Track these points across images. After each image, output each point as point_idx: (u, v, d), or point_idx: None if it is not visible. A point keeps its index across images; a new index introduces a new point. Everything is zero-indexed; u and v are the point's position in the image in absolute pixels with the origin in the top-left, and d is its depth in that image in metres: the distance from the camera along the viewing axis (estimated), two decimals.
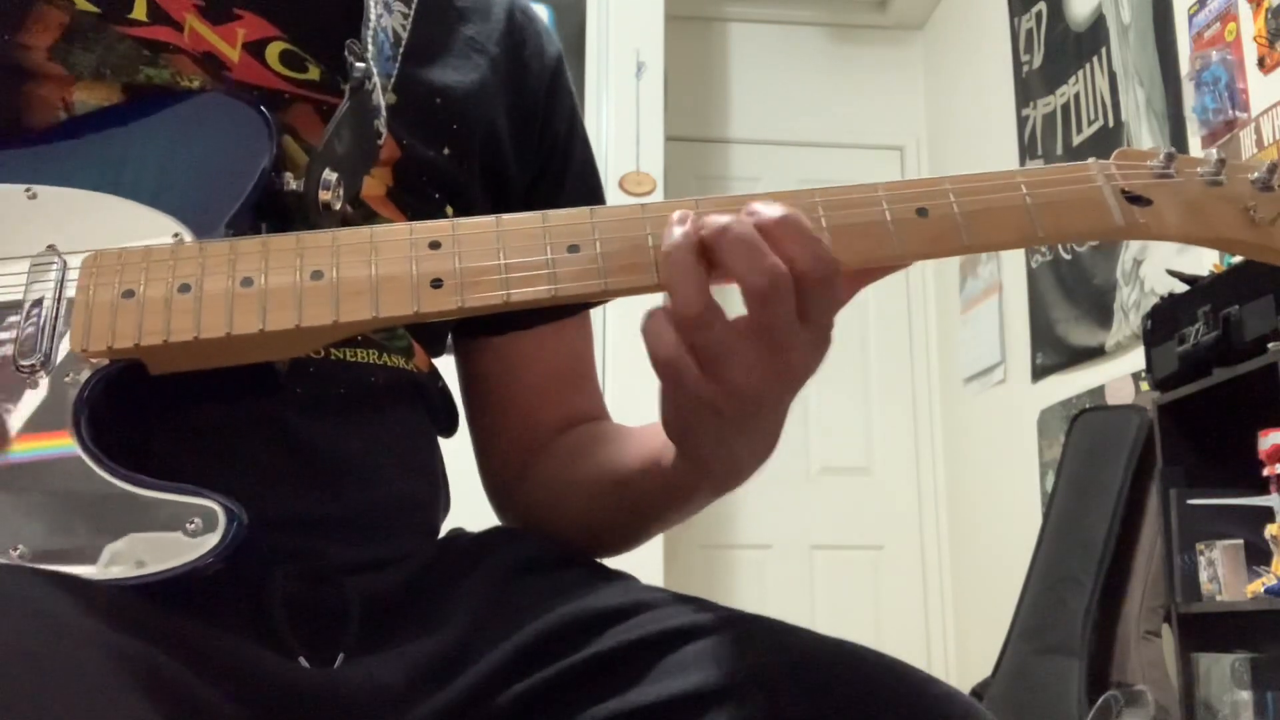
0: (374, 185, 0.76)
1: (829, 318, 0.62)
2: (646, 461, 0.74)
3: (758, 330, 0.60)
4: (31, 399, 0.60)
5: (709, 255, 0.60)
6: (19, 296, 0.63)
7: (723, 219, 0.61)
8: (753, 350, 0.60)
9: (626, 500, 0.77)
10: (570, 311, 0.86)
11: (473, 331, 0.86)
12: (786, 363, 0.61)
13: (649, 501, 0.76)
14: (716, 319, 0.60)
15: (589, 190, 0.90)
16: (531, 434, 0.86)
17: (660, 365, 0.61)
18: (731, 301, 0.62)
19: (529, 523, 0.84)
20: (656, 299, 0.62)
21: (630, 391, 3.06)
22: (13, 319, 0.62)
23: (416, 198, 0.78)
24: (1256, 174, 0.70)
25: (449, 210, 0.79)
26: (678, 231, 0.61)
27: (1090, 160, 0.70)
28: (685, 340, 0.60)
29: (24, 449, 0.59)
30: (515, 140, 0.85)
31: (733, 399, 0.62)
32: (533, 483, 0.84)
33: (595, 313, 0.93)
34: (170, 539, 0.57)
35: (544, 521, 0.81)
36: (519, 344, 0.85)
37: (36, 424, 0.60)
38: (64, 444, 0.59)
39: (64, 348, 0.61)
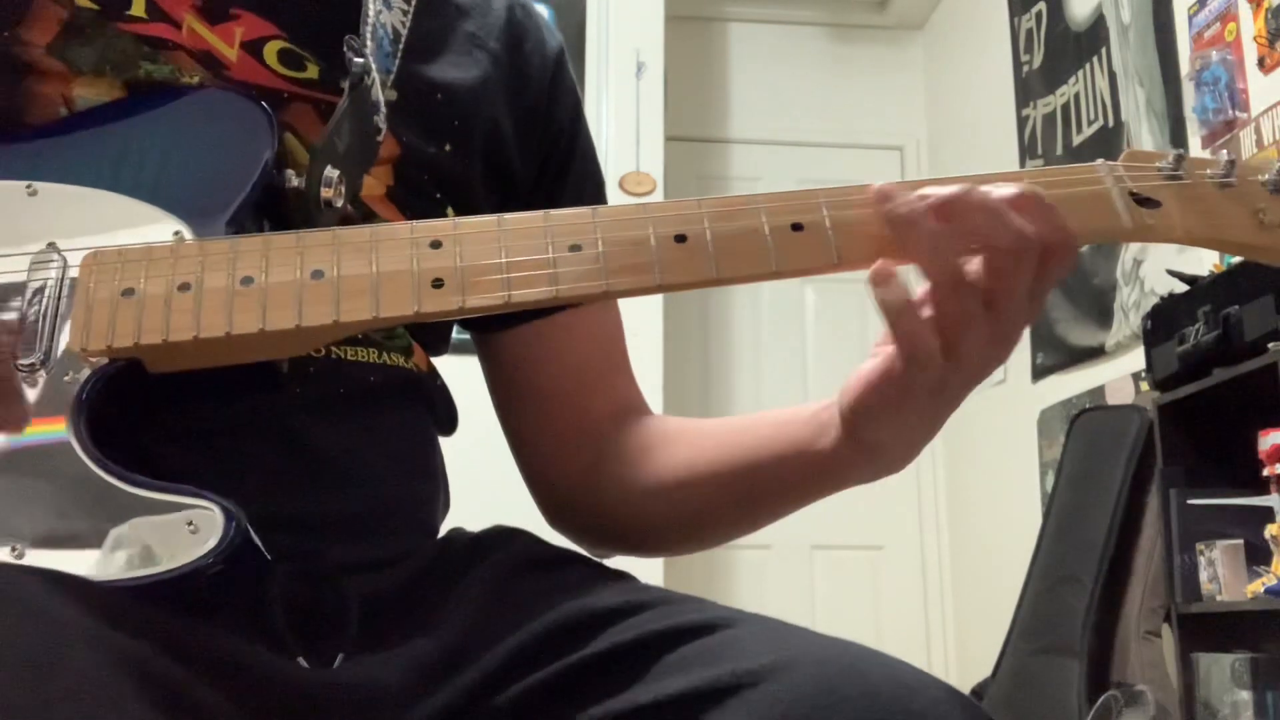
0: (373, 185, 0.75)
1: (1046, 297, 0.64)
2: (786, 448, 0.74)
3: (996, 297, 0.61)
4: (31, 395, 0.60)
5: (947, 221, 0.62)
6: (20, 294, 0.63)
7: (952, 189, 0.62)
8: (986, 320, 0.62)
9: (754, 489, 0.76)
10: None
11: (500, 324, 0.84)
12: (1010, 333, 0.63)
13: (782, 488, 0.76)
14: (967, 283, 0.61)
15: (593, 184, 0.90)
16: (588, 427, 0.84)
17: (905, 339, 0.62)
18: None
19: (601, 524, 0.83)
20: (657, 304, 0.62)
21: None
22: (12, 316, 0.62)
23: (416, 197, 0.77)
24: (1267, 176, 0.69)
25: (449, 211, 0.79)
26: (905, 205, 0.62)
27: (1098, 161, 0.70)
28: (938, 310, 0.61)
29: (22, 434, 0.59)
30: (519, 134, 0.84)
31: (959, 373, 0.63)
32: (610, 483, 0.82)
33: None
34: (168, 530, 0.57)
35: (626, 519, 0.80)
36: (557, 326, 0.84)
37: (34, 413, 0.60)
38: (58, 430, 0.59)
39: (63, 346, 0.61)
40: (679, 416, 0.86)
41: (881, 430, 0.68)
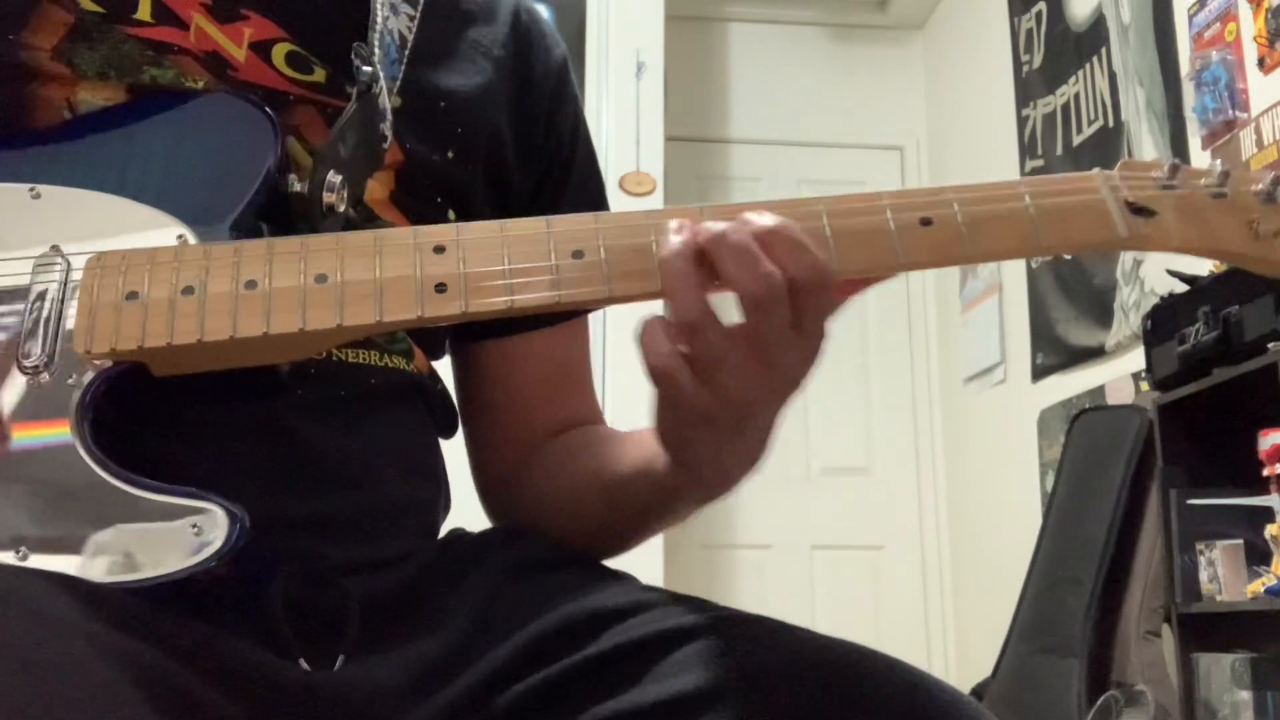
0: (377, 189, 0.76)
1: (821, 326, 0.63)
2: (639, 466, 0.74)
3: (752, 338, 0.61)
4: (34, 396, 0.61)
5: (707, 262, 0.61)
6: (23, 297, 0.63)
7: (719, 226, 0.61)
8: (747, 358, 0.61)
9: (618, 503, 0.77)
10: (569, 315, 0.86)
11: (470, 334, 0.86)
12: (779, 370, 0.62)
13: (641, 505, 0.76)
14: (712, 326, 0.60)
15: (592, 194, 0.90)
16: (526, 437, 0.85)
17: (655, 372, 0.61)
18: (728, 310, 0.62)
19: (521, 521, 0.84)
20: (656, 305, 0.63)
21: (629, 396, 3.06)
22: (15, 318, 0.62)
23: (419, 202, 0.78)
24: (1260, 186, 0.70)
25: (451, 215, 0.79)
26: (674, 239, 0.62)
27: (1095, 170, 0.70)
28: (682, 347, 0.61)
29: (22, 436, 0.60)
30: (519, 144, 0.85)
31: (726, 407, 0.62)
32: (526, 486, 0.84)
33: (594, 318, 0.93)
34: (171, 532, 0.57)
35: (537, 524, 0.81)
36: (516, 346, 0.85)
37: (36, 415, 0.60)
38: (62, 433, 0.60)
39: (67, 349, 0.61)
40: (611, 427, 0.87)
41: (681, 450, 0.67)
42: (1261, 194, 0.70)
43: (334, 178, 0.69)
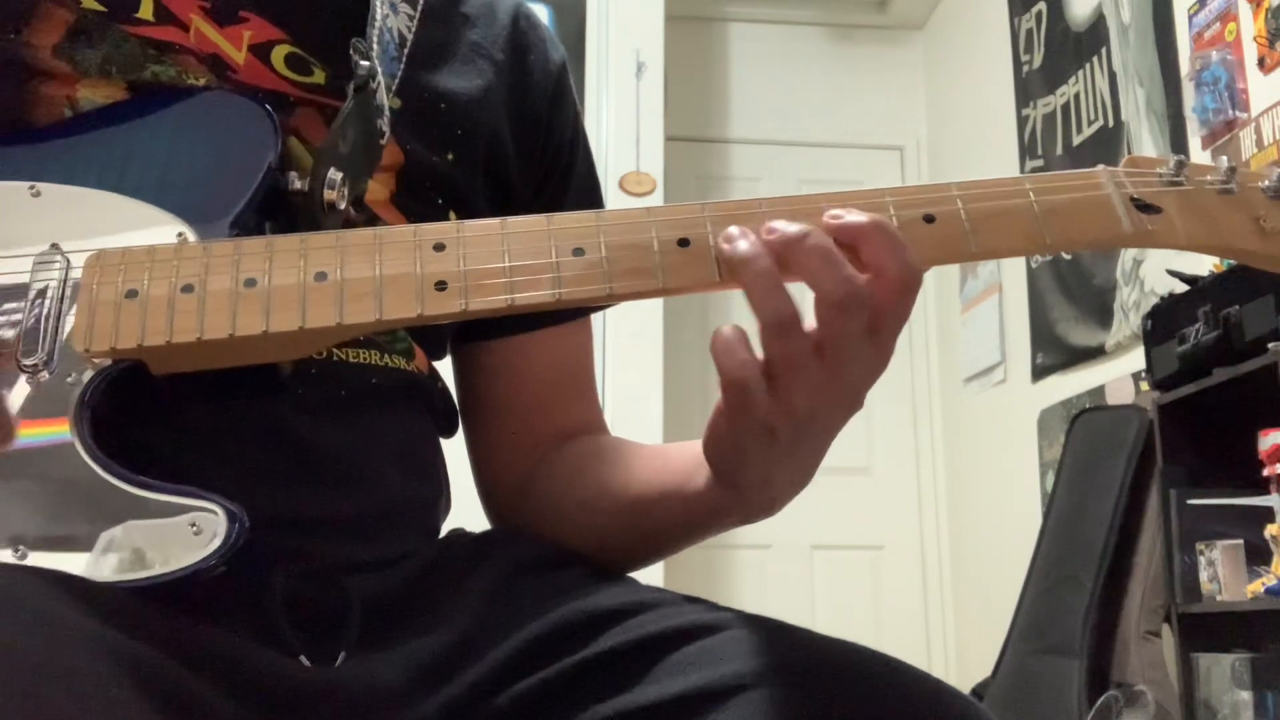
0: (377, 190, 0.75)
1: (895, 334, 0.61)
2: (669, 485, 0.73)
3: (826, 345, 0.59)
4: (33, 394, 0.60)
5: (781, 261, 0.60)
6: (23, 295, 0.63)
7: (796, 226, 0.60)
8: (819, 368, 0.59)
9: (643, 523, 0.76)
10: (571, 316, 0.86)
11: (472, 335, 0.85)
12: (846, 381, 0.60)
13: (668, 526, 0.75)
14: (798, 325, 0.59)
15: (591, 198, 0.90)
16: (531, 443, 0.85)
17: (732, 383, 0.59)
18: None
19: (528, 530, 0.83)
20: (656, 304, 0.62)
21: (630, 395, 3.07)
22: (15, 316, 0.62)
23: (420, 203, 0.77)
24: (1267, 182, 0.69)
25: (452, 217, 0.79)
26: (744, 244, 0.60)
27: (1099, 167, 0.69)
28: (765, 352, 0.59)
29: (21, 435, 0.59)
30: (519, 147, 0.84)
31: (790, 419, 0.61)
32: (536, 498, 0.83)
33: (594, 319, 0.93)
34: (171, 531, 0.57)
35: (545, 531, 0.80)
36: (519, 348, 0.85)
37: (35, 414, 0.60)
38: (61, 431, 0.59)
39: (67, 347, 0.61)
40: (622, 438, 0.86)
41: (731, 468, 0.66)
42: (1269, 190, 0.69)
43: (334, 175, 0.69)
